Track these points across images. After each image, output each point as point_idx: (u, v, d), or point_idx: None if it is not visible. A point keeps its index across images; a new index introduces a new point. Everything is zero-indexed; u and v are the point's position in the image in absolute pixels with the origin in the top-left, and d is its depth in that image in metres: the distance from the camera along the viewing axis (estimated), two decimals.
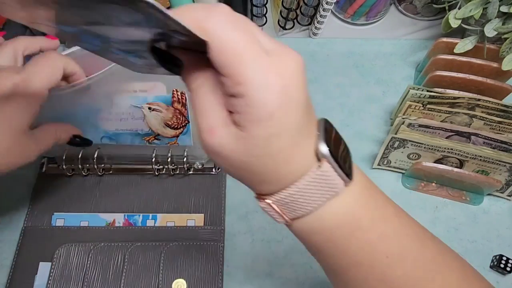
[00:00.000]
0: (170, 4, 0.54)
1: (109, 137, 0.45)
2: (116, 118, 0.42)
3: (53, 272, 0.42)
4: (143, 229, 0.45)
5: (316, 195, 0.21)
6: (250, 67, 0.18)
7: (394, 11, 0.61)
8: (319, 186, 0.21)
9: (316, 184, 0.21)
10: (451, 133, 0.45)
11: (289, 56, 0.20)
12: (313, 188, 0.21)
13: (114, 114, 0.42)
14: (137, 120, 0.43)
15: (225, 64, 0.18)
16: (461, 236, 0.46)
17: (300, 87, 0.20)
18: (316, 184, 0.21)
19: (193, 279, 0.42)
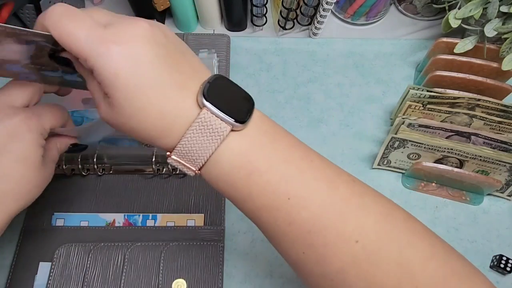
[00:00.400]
0: (170, 4, 0.54)
1: (106, 141, 0.45)
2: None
3: (53, 272, 0.42)
4: (143, 229, 0.45)
5: (205, 141, 0.23)
6: (85, 42, 0.22)
7: (394, 11, 0.61)
8: (205, 133, 0.23)
9: (202, 131, 0.23)
10: (451, 133, 0.45)
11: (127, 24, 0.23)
12: (200, 135, 0.23)
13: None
14: None
15: (68, 47, 0.22)
16: (461, 236, 0.46)
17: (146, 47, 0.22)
18: (201, 131, 0.23)
19: (193, 279, 0.42)
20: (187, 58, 0.25)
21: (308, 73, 0.56)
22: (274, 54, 0.57)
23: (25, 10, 0.51)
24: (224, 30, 0.59)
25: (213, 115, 0.23)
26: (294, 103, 0.54)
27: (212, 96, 0.23)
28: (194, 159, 0.24)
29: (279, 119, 0.52)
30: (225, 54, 0.55)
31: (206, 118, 0.23)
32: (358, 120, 0.53)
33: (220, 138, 0.23)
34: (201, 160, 0.24)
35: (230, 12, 0.56)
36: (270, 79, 0.55)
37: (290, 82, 0.55)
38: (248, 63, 0.57)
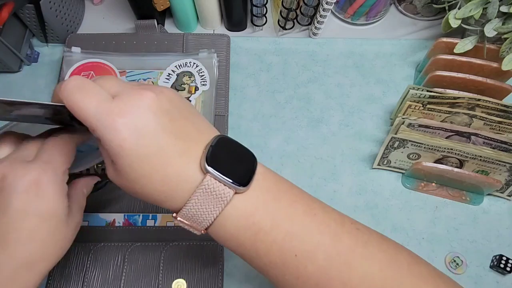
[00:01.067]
0: (170, 4, 0.54)
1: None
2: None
3: (53, 272, 0.42)
4: (143, 229, 0.45)
5: (210, 206, 0.24)
6: (94, 115, 0.23)
7: (394, 11, 0.61)
8: (209, 198, 0.24)
9: (206, 196, 0.24)
10: (451, 133, 0.45)
11: (133, 95, 0.24)
12: (204, 200, 0.24)
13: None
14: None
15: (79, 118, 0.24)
16: (461, 236, 0.46)
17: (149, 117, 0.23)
18: (206, 196, 0.24)
19: (193, 279, 0.42)
20: (191, 121, 0.26)
21: (308, 73, 0.56)
22: (274, 54, 0.57)
23: (25, 10, 0.51)
24: (224, 30, 0.59)
25: (216, 181, 0.24)
26: (294, 103, 0.54)
27: (214, 161, 0.24)
28: (200, 222, 0.25)
29: (279, 119, 0.52)
30: (225, 54, 0.55)
31: (210, 185, 0.24)
32: (358, 120, 0.53)
33: (224, 202, 0.24)
34: (206, 223, 0.25)
35: (230, 12, 0.56)
36: (270, 79, 0.55)
37: (290, 82, 0.55)
38: (248, 63, 0.57)
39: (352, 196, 0.48)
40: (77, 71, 0.51)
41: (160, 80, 0.51)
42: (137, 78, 0.51)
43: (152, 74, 0.52)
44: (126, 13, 0.60)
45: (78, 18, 0.59)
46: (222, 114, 0.51)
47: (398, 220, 0.47)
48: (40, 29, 0.54)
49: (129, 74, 0.52)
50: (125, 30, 0.59)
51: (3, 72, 0.55)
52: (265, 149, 0.51)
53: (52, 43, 0.58)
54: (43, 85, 0.55)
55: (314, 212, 0.26)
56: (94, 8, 0.62)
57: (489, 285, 0.44)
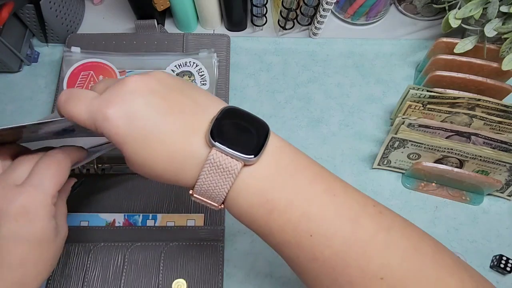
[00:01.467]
0: (170, 4, 0.54)
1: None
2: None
3: (53, 272, 0.42)
4: (143, 229, 0.45)
5: (219, 180, 0.24)
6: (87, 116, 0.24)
7: (394, 11, 0.61)
8: (218, 172, 0.23)
9: (214, 171, 0.23)
10: (451, 133, 0.45)
11: (117, 85, 0.24)
12: (213, 175, 0.23)
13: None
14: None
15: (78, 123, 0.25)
16: (461, 236, 0.46)
17: (136, 101, 0.24)
18: (213, 171, 0.23)
19: (193, 279, 0.42)
20: (188, 95, 0.25)
21: (308, 73, 0.56)
22: (274, 54, 0.57)
23: (25, 10, 0.51)
24: (224, 30, 0.59)
25: (222, 154, 0.23)
26: (294, 103, 0.54)
27: (220, 133, 0.23)
28: (213, 197, 0.25)
29: (279, 119, 0.52)
30: (225, 54, 0.55)
31: (216, 159, 0.23)
32: (358, 120, 0.53)
33: (232, 176, 0.23)
34: (220, 198, 0.25)
35: (230, 12, 0.56)
36: (270, 79, 0.55)
37: (290, 82, 0.55)
38: (248, 63, 0.57)
39: None
40: (76, 71, 0.51)
41: None
42: None
43: None
44: (126, 13, 0.60)
45: (78, 18, 0.59)
46: None
47: None
48: (40, 29, 0.54)
49: (129, 74, 0.52)
50: (125, 30, 0.59)
51: (3, 72, 0.55)
52: None
53: (52, 43, 0.58)
54: (43, 85, 0.55)
55: (334, 193, 0.24)
56: (94, 8, 0.62)
57: None
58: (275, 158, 0.25)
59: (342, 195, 0.25)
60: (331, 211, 0.24)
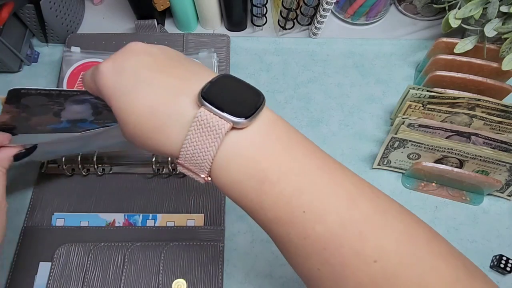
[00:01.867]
0: (170, 4, 0.54)
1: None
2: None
3: (53, 272, 0.42)
4: (143, 229, 0.45)
5: (205, 141, 0.22)
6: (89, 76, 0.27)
7: (394, 11, 0.61)
8: (204, 132, 0.22)
9: (201, 131, 0.22)
10: (451, 133, 0.45)
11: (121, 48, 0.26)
12: (199, 135, 0.22)
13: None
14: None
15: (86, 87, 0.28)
16: (461, 236, 0.46)
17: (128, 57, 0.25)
18: (200, 131, 0.22)
19: (193, 279, 0.42)
20: (182, 64, 0.25)
21: (308, 73, 0.56)
22: (274, 54, 0.57)
23: (25, 10, 0.51)
24: (224, 30, 0.59)
25: (211, 113, 0.22)
26: (294, 103, 0.54)
27: (211, 95, 0.23)
28: (199, 163, 0.23)
29: None
30: (225, 54, 0.55)
31: (203, 116, 0.22)
32: (358, 120, 0.53)
33: (219, 136, 0.22)
34: (206, 163, 0.23)
35: (230, 12, 0.56)
36: (270, 79, 0.55)
37: (290, 82, 0.55)
38: (248, 63, 0.57)
39: None
40: (76, 71, 0.51)
41: None
42: None
43: None
44: (126, 13, 0.60)
45: (78, 18, 0.59)
46: None
47: None
48: (40, 29, 0.54)
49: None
50: (125, 30, 0.59)
51: (3, 72, 0.55)
52: None
53: (52, 43, 0.58)
54: (43, 85, 0.55)
55: (329, 170, 0.23)
56: (94, 8, 0.62)
57: None
58: (268, 128, 0.24)
59: (338, 174, 0.24)
60: (326, 188, 0.23)
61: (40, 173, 0.48)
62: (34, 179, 0.48)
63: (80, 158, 0.46)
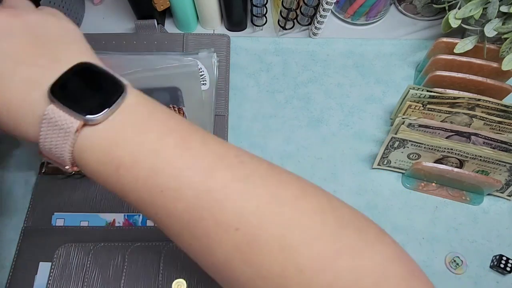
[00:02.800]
0: (170, 4, 0.54)
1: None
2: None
3: (53, 272, 0.42)
4: (143, 229, 0.45)
5: (58, 139, 0.22)
6: None
7: (394, 11, 0.61)
8: (55, 130, 0.22)
9: (52, 129, 0.22)
10: (451, 133, 0.45)
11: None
12: (51, 132, 0.22)
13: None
14: None
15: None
16: (461, 236, 0.46)
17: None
18: (51, 129, 0.22)
19: (193, 279, 0.42)
20: (50, 48, 0.24)
21: (308, 73, 0.56)
22: (274, 54, 0.57)
23: None
24: (224, 30, 0.59)
25: (60, 110, 0.22)
26: (294, 103, 0.54)
27: (62, 89, 0.22)
28: (58, 157, 0.23)
29: (279, 119, 0.52)
30: (225, 54, 0.55)
31: (51, 115, 0.22)
32: (358, 120, 0.53)
33: (69, 136, 0.22)
34: (64, 159, 0.23)
35: (230, 12, 0.56)
36: (270, 79, 0.55)
37: (290, 82, 0.55)
38: (248, 63, 0.57)
39: (352, 196, 0.48)
40: None
41: None
42: None
43: None
44: (126, 13, 0.60)
45: (78, 18, 0.59)
46: (222, 114, 0.51)
47: (398, 220, 0.47)
48: None
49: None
50: (125, 30, 0.59)
51: None
52: (265, 149, 0.51)
53: None
54: None
55: (188, 146, 0.23)
56: (94, 8, 0.62)
57: (489, 285, 0.44)
58: (126, 117, 0.23)
59: (197, 148, 0.24)
60: (181, 163, 0.23)
61: (40, 173, 0.48)
62: (34, 179, 0.48)
63: None
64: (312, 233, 0.21)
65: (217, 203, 0.22)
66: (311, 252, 0.21)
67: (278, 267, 0.21)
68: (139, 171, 0.23)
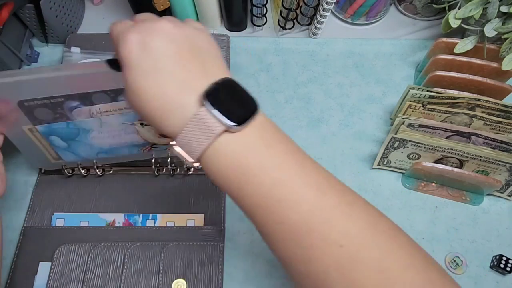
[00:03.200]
0: (170, 4, 0.54)
1: (105, 152, 0.45)
2: (108, 136, 0.43)
3: (53, 272, 0.42)
4: (143, 229, 0.45)
5: (199, 137, 0.26)
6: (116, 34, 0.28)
7: (394, 11, 0.61)
8: (200, 129, 0.25)
9: (197, 127, 0.25)
10: (451, 133, 0.45)
11: (151, 20, 0.27)
12: (196, 130, 0.26)
13: (105, 132, 0.42)
14: (130, 135, 0.43)
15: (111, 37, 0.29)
16: (461, 236, 0.46)
17: (157, 40, 0.26)
18: (197, 127, 0.25)
19: (193, 279, 0.42)
20: (201, 59, 0.27)
21: (308, 73, 0.56)
22: (274, 54, 0.57)
23: (25, 10, 0.51)
24: (224, 30, 0.59)
25: (209, 114, 0.25)
26: (294, 103, 0.54)
27: (214, 97, 0.25)
28: (191, 151, 0.27)
29: (279, 119, 0.52)
30: (225, 54, 0.55)
31: (202, 116, 0.25)
32: (358, 120, 0.53)
33: (211, 136, 0.25)
34: (196, 153, 0.26)
35: (230, 12, 0.56)
36: (270, 79, 0.55)
37: (290, 82, 0.55)
38: (248, 63, 0.57)
39: None
40: None
41: None
42: None
43: None
44: (126, 13, 0.60)
45: (78, 18, 0.59)
46: None
47: (398, 220, 0.46)
48: (40, 29, 0.54)
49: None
50: None
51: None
52: None
53: (52, 43, 0.58)
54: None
55: (304, 165, 0.27)
56: (94, 8, 0.62)
57: (489, 285, 0.44)
58: (256, 130, 0.27)
59: (311, 169, 0.27)
60: (299, 180, 0.26)
61: (40, 173, 0.48)
62: (34, 179, 0.48)
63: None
64: (406, 262, 0.25)
65: (327, 221, 0.25)
66: (405, 278, 0.24)
67: (372, 286, 0.24)
68: (263, 181, 0.26)
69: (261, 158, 0.26)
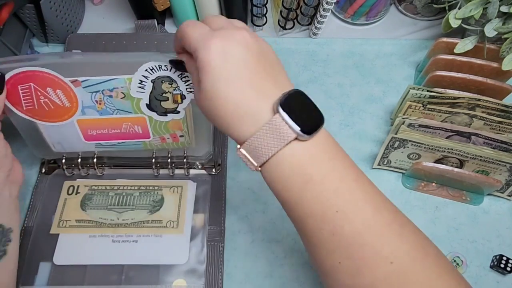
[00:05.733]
0: (170, 4, 0.54)
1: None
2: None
3: (53, 272, 0.42)
4: None
5: (271, 142, 0.27)
6: (196, 39, 0.28)
7: (394, 11, 0.61)
8: (273, 135, 0.27)
9: (270, 133, 0.27)
10: (451, 133, 0.45)
11: (231, 29, 0.29)
12: (268, 135, 0.27)
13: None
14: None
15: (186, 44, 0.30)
16: (461, 236, 0.46)
17: (238, 49, 0.28)
18: (269, 133, 0.27)
19: (193, 279, 0.42)
20: (274, 71, 0.30)
21: (308, 73, 0.56)
22: None
23: (25, 10, 0.51)
24: None
25: (283, 121, 0.26)
26: None
27: (287, 106, 0.27)
28: (258, 156, 0.28)
29: None
30: None
31: (276, 123, 0.26)
32: (358, 120, 0.53)
33: (284, 142, 0.27)
34: (264, 158, 0.27)
35: (230, 12, 0.56)
36: None
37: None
38: None
39: None
40: None
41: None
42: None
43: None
44: (126, 13, 0.60)
45: (78, 18, 0.59)
46: None
47: None
48: (40, 29, 0.54)
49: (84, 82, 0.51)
50: (125, 30, 0.59)
51: None
52: None
53: (52, 43, 0.58)
54: None
55: (362, 182, 0.28)
56: (94, 8, 0.62)
57: (489, 285, 0.44)
58: (320, 142, 0.28)
59: (368, 187, 0.29)
60: (358, 195, 0.27)
61: (40, 173, 0.48)
62: (34, 179, 0.48)
63: (80, 159, 0.46)
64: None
65: (380, 236, 0.26)
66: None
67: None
68: (323, 190, 0.27)
69: (325, 168, 0.27)
